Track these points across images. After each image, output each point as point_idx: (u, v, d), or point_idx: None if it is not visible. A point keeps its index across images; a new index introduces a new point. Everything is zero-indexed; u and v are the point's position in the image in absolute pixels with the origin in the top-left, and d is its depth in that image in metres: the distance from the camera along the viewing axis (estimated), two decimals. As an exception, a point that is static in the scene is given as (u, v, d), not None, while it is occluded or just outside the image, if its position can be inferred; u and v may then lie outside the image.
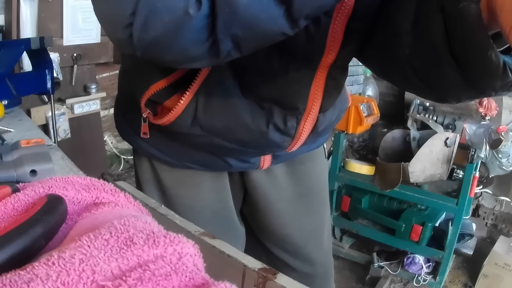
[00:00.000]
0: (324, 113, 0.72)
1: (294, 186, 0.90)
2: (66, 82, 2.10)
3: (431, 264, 1.91)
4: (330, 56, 0.63)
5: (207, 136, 0.70)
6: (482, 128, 1.75)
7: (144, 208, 0.46)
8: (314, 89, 0.67)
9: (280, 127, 0.69)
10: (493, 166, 1.77)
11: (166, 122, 0.69)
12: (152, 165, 0.85)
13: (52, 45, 1.13)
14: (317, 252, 0.98)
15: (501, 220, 2.25)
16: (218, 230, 0.88)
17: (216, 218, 0.88)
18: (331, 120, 0.76)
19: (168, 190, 0.85)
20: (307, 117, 0.70)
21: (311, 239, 0.96)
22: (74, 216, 0.43)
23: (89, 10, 2.05)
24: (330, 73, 0.66)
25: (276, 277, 0.49)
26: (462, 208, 1.69)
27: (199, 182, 0.84)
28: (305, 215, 0.94)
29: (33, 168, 0.62)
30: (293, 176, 0.89)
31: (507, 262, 1.80)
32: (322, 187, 0.97)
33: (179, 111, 0.67)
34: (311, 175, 0.92)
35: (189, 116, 0.67)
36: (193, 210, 0.85)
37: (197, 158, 0.79)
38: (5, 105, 1.00)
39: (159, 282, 0.29)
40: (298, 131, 0.71)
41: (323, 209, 0.98)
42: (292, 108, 0.68)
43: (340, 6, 0.57)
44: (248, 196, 0.92)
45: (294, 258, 0.96)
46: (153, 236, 0.34)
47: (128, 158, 2.88)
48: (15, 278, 0.28)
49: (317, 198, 0.96)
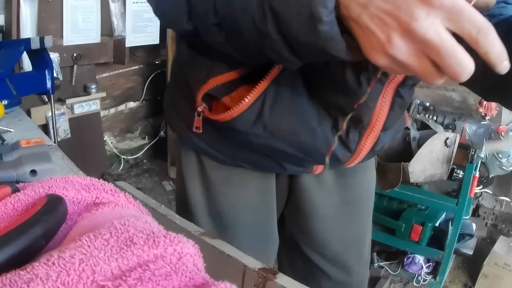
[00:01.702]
0: (385, 131, 0.71)
1: (342, 193, 0.88)
2: (66, 82, 2.10)
3: (431, 264, 1.91)
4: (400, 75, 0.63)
5: (268, 137, 0.67)
6: (482, 128, 1.75)
7: (144, 208, 0.46)
8: (380, 104, 0.66)
9: (343, 138, 0.69)
10: (493, 166, 1.77)
11: (227, 118, 0.65)
12: (200, 161, 0.83)
13: (52, 45, 1.13)
14: (356, 261, 0.96)
15: (501, 220, 2.25)
16: (256, 231, 0.88)
17: (257, 219, 0.87)
18: (388, 139, 0.75)
19: (214, 187, 0.83)
20: (369, 133, 0.69)
21: (351, 247, 0.94)
22: (74, 216, 0.43)
23: (89, 10, 2.05)
24: (398, 91, 0.66)
25: (276, 277, 0.49)
26: (462, 208, 1.69)
27: (247, 182, 0.83)
28: (348, 223, 0.92)
29: (33, 168, 0.62)
30: (342, 183, 0.87)
31: (507, 262, 1.80)
32: (369, 198, 0.95)
33: (244, 107, 0.64)
34: (360, 184, 0.91)
35: (253, 114, 0.65)
36: (236, 208, 0.84)
37: (250, 158, 0.76)
38: (5, 105, 1.00)
39: (159, 282, 0.29)
40: (358, 147, 0.71)
41: (367, 220, 0.97)
42: (356, 120, 0.67)
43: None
44: (292, 198, 0.90)
45: (331, 265, 0.94)
46: (153, 236, 0.34)
47: (128, 158, 2.88)
48: (15, 278, 0.28)
49: (363, 208, 0.93)
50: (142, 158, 3.01)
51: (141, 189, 2.55)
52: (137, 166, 2.96)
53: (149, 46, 2.52)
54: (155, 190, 2.71)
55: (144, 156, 3.00)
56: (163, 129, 2.98)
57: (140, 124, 2.91)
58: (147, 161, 3.03)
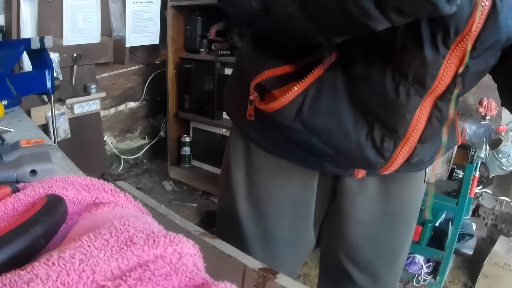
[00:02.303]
0: (422, 144, 0.71)
1: (384, 203, 0.88)
2: (66, 82, 2.10)
3: (431, 264, 1.91)
4: (439, 87, 0.63)
5: (306, 133, 0.69)
6: (482, 128, 1.75)
7: (144, 208, 0.46)
8: (417, 116, 0.67)
9: (377, 145, 0.69)
10: (493, 166, 1.77)
11: (270, 109, 0.68)
12: (247, 147, 0.85)
13: (52, 45, 1.13)
14: (386, 273, 0.95)
15: (501, 220, 2.25)
16: (291, 225, 0.89)
17: (293, 214, 0.88)
18: (427, 154, 0.74)
19: (257, 174, 0.85)
20: (405, 144, 0.69)
21: (384, 258, 0.93)
22: (74, 216, 0.43)
23: (89, 10, 2.06)
24: (436, 104, 0.67)
25: (276, 277, 0.49)
26: (462, 208, 1.69)
27: (289, 176, 0.84)
28: (386, 233, 0.91)
29: (33, 168, 0.62)
30: (386, 192, 0.87)
31: (507, 262, 1.80)
32: (412, 212, 0.93)
33: (285, 101, 0.67)
34: (404, 197, 0.89)
35: (294, 109, 0.67)
36: (275, 199, 0.85)
37: (294, 152, 0.79)
38: (5, 105, 1.00)
39: (159, 282, 0.29)
40: (393, 155, 0.71)
41: (407, 234, 0.95)
42: (392, 129, 0.68)
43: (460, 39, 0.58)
44: (335, 200, 0.90)
45: (359, 272, 0.94)
46: (153, 236, 0.34)
47: (128, 158, 2.88)
48: (15, 278, 0.28)
49: (404, 221, 0.92)
50: (142, 158, 3.01)
51: (141, 189, 2.55)
52: (137, 166, 2.96)
53: (149, 46, 2.52)
54: (155, 190, 2.71)
55: (144, 156, 3.00)
56: (163, 129, 2.98)
57: (140, 124, 2.91)
58: (147, 161, 3.03)
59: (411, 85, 0.62)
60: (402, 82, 0.62)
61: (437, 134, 0.71)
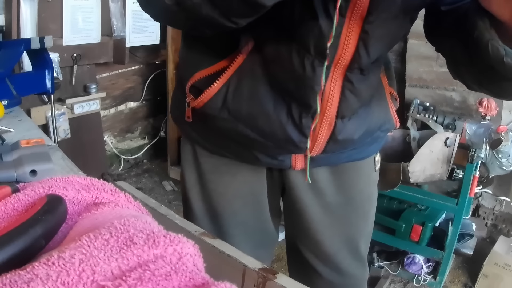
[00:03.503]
0: (342, 120, 0.72)
1: (334, 194, 0.89)
2: (66, 82, 2.10)
3: (431, 264, 1.91)
4: (344, 57, 0.65)
5: (233, 121, 0.73)
6: (482, 128, 1.75)
7: (144, 208, 0.46)
8: (329, 89, 0.68)
9: (297, 123, 0.71)
10: (493, 166, 1.76)
11: (200, 103, 0.73)
12: (193, 149, 0.89)
13: (52, 45, 1.13)
14: (348, 263, 0.96)
15: (501, 220, 2.24)
16: (247, 221, 0.91)
17: (246, 209, 0.90)
18: (354, 132, 0.75)
19: (205, 174, 0.89)
20: (322, 119, 0.71)
21: (343, 249, 0.94)
22: (74, 216, 0.43)
23: (89, 10, 2.05)
24: (346, 76, 0.68)
25: (276, 277, 0.49)
26: (462, 208, 1.69)
27: (235, 172, 0.87)
28: (340, 225, 0.92)
29: (33, 168, 0.62)
30: (334, 183, 0.88)
31: (507, 262, 1.80)
32: (365, 200, 0.94)
33: (211, 93, 0.72)
34: (353, 186, 0.90)
35: (220, 99, 0.72)
36: (225, 196, 0.88)
37: (231, 148, 0.82)
38: (5, 105, 1.00)
39: (159, 282, 0.29)
40: (314, 133, 0.72)
41: (363, 223, 0.96)
42: (305, 104, 0.69)
43: (353, 6, 0.59)
44: (285, 196, 0.92)
45: (323, 265, 0.95)
46: (153, 236, 0.34)
47: (128, 158, 2.88)
48: (15, 278, 0.28)
49: (357, 210, 0.93)
50: (142, 158, 3.01)
51: (141, 189, 2.55)
52: (137, 166, 2.96)
53: (149, 46, 2.52)
54: (155, 190, 2.71)
55: (144, 156, 3.00)
56: (163, 129, 2.98)
57: (140, 124, 2.91)
58: (147, 161, 3.03)
59: (314, 57, 0.65)
60: (307, 55, 0.65)
61: (358, 111, 0.73)
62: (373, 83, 0.74)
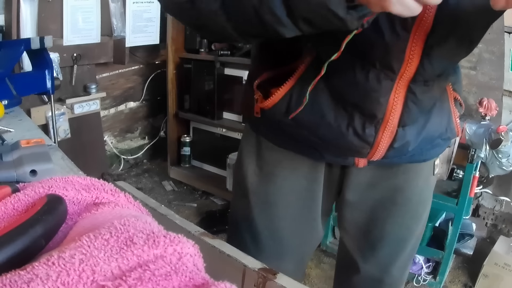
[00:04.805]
0: (403, 128, 0.74)
1: (391, 193, 0.90)
2: (66, 82, 2.10)
3: (431, 264, 1.91)
4: (408, 70, 0.67)
5: (296, 127, 0.77)
6: (482, 128, 1.75)
7: (144, 208, 0.46)
8: (393, 100, 0.70)
9: (359, 133, 0.73)
10: (493, 166, 1.76)
11: (266, 107, 0.77)
12: (258, 141, 0.91)
13: (52, 45, 1.13)
14: (390, 262, 0.97)
15: (501, 220, 2.24)
16: (298, 215, 0.93)
17: (299, 204, 0.92)
18: (413, 139, 0.76)
19: (267, 166, 0.91)
20: (385, 127, 0.72)
21: (388, 247, 0.95)
22: (74, 216, 0.43)
23: (89, 10, 2.06)
24: (410, 87, 0.69)
25: (276, 277, 0.49)
26: (462, 208, 1.69)
27: (296, 167, 0.89)
28: (391, 223, 0.92)
29: (33, 168, 0.62)
30: (392, 183, 0.89)
31: (507, 262, 1.80)
32: (419, 203, 0.94)
33: (276, 99, 0.75)
34: (410, 188, 0.91)
35: (284, 106, 0.75)
36: (282, 189, 0.90)
37: (297, 144, 0.84)
38: (5, 105, 1.00)
39: (159, 282, 0.29)
40: (376, 140, 0.74)
41: (414, 225, 0.96)
42: (370, 115, 0.71)
43: (419, 21, 0.61)
44: (342, 191, 0.93)
45: (363, 260, 0.97)
46: (153, 236, 0.34)
47: (128, 158, 2.88)
48: (15, 278, 0.28)
49: (410, 211, 0.93)
50: (142, 158, 3.01)
51: (141, 189, 2.55)
52: (137, 166, 2.96)
53: (149, 46, 2.52)
54: (155, 190, 2.71)
55: (144, 156, 3.00)
56: (163, 129, 2.98)
57: (140, 124, 2.91)
58: (147, 161, 3.03)
59: (381, 71, 0.67)
60: (372, 70, 0.67)
61: (418, 119, 0.75)
62: (436, 93, 0.76)
